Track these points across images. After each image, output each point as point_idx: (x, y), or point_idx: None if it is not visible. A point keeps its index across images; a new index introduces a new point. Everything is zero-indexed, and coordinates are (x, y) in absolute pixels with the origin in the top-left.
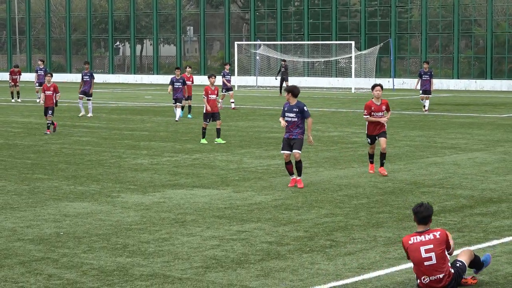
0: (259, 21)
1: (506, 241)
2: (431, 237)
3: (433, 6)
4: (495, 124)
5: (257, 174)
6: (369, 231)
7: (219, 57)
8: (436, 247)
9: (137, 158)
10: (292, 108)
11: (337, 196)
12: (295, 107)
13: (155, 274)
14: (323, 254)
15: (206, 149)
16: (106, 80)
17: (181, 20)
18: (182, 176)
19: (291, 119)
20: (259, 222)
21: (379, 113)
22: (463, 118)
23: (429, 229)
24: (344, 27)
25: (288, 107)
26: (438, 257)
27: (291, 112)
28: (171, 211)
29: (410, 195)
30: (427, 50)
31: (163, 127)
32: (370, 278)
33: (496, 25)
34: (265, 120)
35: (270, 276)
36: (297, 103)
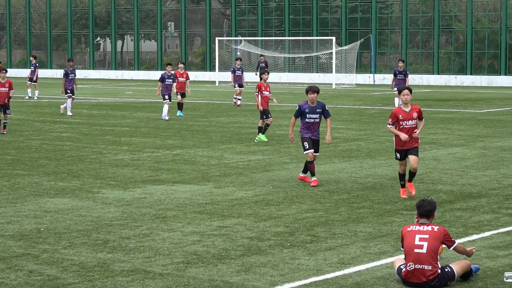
0: (240, 17)
1: (485, 236)
2: (429, 229)
3: (414, 2)
4: (474, 120)
5: (238, 170)
6: (349, 226)
7: (200, 52)
8: (431, 239)
9: (117, 153)
10: (315, 109)
11: (318, 192)
12: (318, 108)
13: (136, 269)
14: (303, 249)
15: (187, 144)
16: (87, 76)
17: (162, 15)
18: (163, 172)
19: (314, 120)
20: (240, 217)
21: (409, 122)
22: (443, 113)
23: (431, 223)
24: (325, 23)
25: (310, 108)
26: (429, 249)
27: (314, 113)
28: (152, 207)
29: (391, 190)
30: (408, 46)
31: (144, 123)
32: (350, 273)
33: (476, 20)
34: (246, 115)
35: (251, 271)
36: (318, 104)
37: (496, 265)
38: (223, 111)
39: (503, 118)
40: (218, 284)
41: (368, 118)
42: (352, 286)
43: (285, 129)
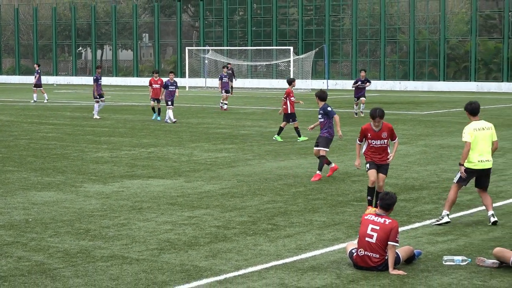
0: (208, 29)
1: (426, 224)
2: (382, 221)
3: (362, 16)
4: (416, 121)
5: (206, 166)
6: (306, 216)
7: (171, 61)
8: (380, 231)
9: (98, 151)
10: (319, 111)
11: (278, 185)
12: (321, 110)
13: (114, 255)
14: (265, 236)
15: (161, 143)
16: (69, 82)
17: (137, 27)
18: (139, 168)
19: (319, 120)
20: (208, 208)
21: (378, 142)
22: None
23: (387, 216)
24: (284, 34)
25: (318, 110)
26: (378, 239)
27: (319, 114)
28: (129, 199)
29: (342, 184)
30: (357, 55)
31: (122, 124)
32: (307, 258)
33: (417, 32)
34: (213, 117)
35: (218, 256)
36: (323, 106)
37: (436, 250)
38: (193, 113)
39: (442, 119)
40: (189, 268)
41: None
42: (308, 269)
43: (248, 129)
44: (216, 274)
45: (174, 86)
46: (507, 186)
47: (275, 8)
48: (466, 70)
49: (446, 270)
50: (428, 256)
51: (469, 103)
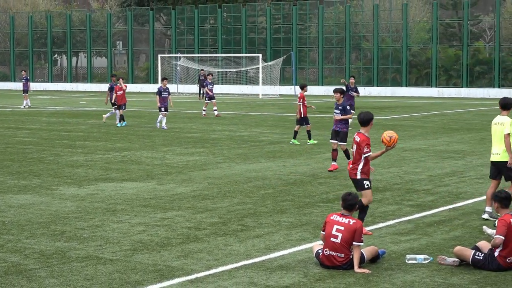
0: (179, 37)
1: (390, 224)
2: (346, 222)
3: (328, 24)
4: (380, 125)
5: (178, 169)
6: (274, 217)
7: (144, 67)
8: (345, 231)
9: (73, 155)
10: (338, 106)
11: (247, 187)
12: (340, 106)
13: (89, 256)
14: (235, 237)
15: (134, 147)
16: (45, 88)
17: (111, 35)
18: (113, 171)
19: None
20: (180, 210)
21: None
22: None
23: (351, 216)
24: (253, 42)
25: (336, 105)
26: (343, 240)
27: (337, 109)
28: (103, 202)
29: (309, 186)
30: (324, 62)
31: (96, 129)
32: (275, 257)
33: (381, 40)
34: (185, 122)
35: (189, 256)
36: (342, 103)
37: (399, 249)
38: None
39: (404, 123)
40: (161, 268)
41: (290, 123)
42: (277, 268)
43: (219, 133)
44: (188, 274)
45: (167, 92)
46: (467, 187)
47: (244, 17)
48: (428, 76)
49: (409, 269)
50: (391, 255)
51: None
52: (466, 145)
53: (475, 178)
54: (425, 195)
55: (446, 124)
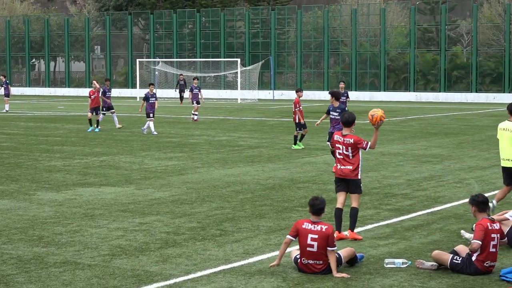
0: (158, 41)
1: (368, 228)
2: (319, 229)
3: (307, 29)
4: (358, 129)
5: (156, 174)
6: (253, 222)
7: (123, 72)
8: (320, 239)
9: (51, 160)
10: (336, 108)
11: (226, 192)
12: (338, 108)
13: (67, 261)
14: (213, 242)
15: (112, 152)
16: (23, 93)
17: (89, 40)
18: (91, 176)
19: (335, 117)
20: (158, 215)
21: None
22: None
23: (320, 221)
24: (231, 46)
25: (333, 108)
26: (319, 247)
27: (335, 112)
28: (81, 207)
29: (288, 190)
30: (302, 66)
31: (74, 133)
32: (254, 262)
33: (359, 45)
34: (163, 126)
35: (168, 261)
36: (340, 105)
37: (377, 253)
38: (144, 123)
39: (383, 127)
40: (140, 273)
41: (268, 128)
42: (256, 273)
43: (197, 138)
44: (166, 279)
45: (154, 98)
46: (444, 192)
47: (223, 21)
48: (406, 80)
49: (387, 273)
50: (370, 259)
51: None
52: (444, 150)
53: (453, 183)
54: (403, 199)
55: (424, 128)
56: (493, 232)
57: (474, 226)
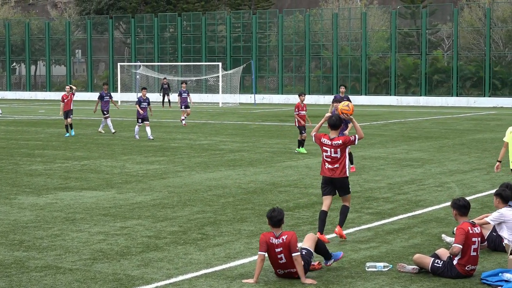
0: (139, 45)
1: (350, 232)
2: (281, 241)
3: (288, 33)
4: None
5: (137, 178)
6: (234, 225)
7: (104, 76)
8: (285, 250)
9: (32, 164)
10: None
11: (207, 196)
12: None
13: (48, 266)
14: (195, 245)
15: (93, 156)
16: (4, 97)
17: (70, 44)
18: (72, 180)
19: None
20: (140, 219)
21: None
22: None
23: (282, 232)
24: (213, 50)
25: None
26: (287, 257)
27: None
28: (62, 211)
29: (270, 194)
30: (283, 70)
31: (55, 138)
32: (235, 266)
33: (340, 49)
34: (145, 130)
35: (149, 265)
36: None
37: (359, 257)
38: (125, 127)
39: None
40: (121, 277)
41: (250, 132)
42: (237, 277)
43: (179, 142)
44: (148, 283)
45: (146, 102)
46: (425, 195)
47: (204, 25)
48: (387, 84)
49: (369, 276)
50: (351, 263)
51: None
52: (425, 153)
53: (433, 186)
54: (384, 203)
55: (405, 132)
56: (474, 236)
57: (455, 229)
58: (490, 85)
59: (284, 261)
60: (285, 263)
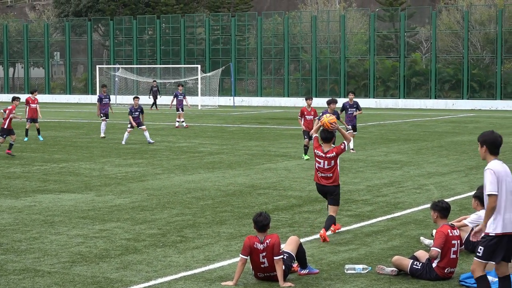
0: (118, 47)
1: (329, 234)
2: (265, 246)
3: (267, 35)
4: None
5: (116, 180)
6: (214, 228)
7: (82, 78)
8: (269, 254)
9: (10, 167)
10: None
11: (186, 198)
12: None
13: (27, 268)
14: (174, 248)
15: (72, 158)
16: None
17: (49, 46)
18: (51, 183)
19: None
20: (119, 221)
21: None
22: (292, 130)
23: (266, 236)
24: (192, 53)
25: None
26: (270, 261)
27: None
28: (41, 213)
29: (249, 196)
30: (262, 73)
31: (33, 140)
32: (215, 268)
33: (319, 51)
34: (123, 133)
35: (128, 268)
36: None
37: (338, 259)
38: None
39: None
40: (100, 280)
41: (229, 134)
42: (217, 279)
43: (158, 144)
44: (127, 285)
45: (138, 111)
46: (404, 197)
47: (183, 27)
48: (366, 87)
49: (348, 278)
50: (330, 265)
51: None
52: (404, 156)
53: (412, 188)
54: (363, 205)
55: (384, 134)
56: (453, 239)
57: (433, 231)
58: (468, 88)
59: (266, 265)
60: (266, 267)
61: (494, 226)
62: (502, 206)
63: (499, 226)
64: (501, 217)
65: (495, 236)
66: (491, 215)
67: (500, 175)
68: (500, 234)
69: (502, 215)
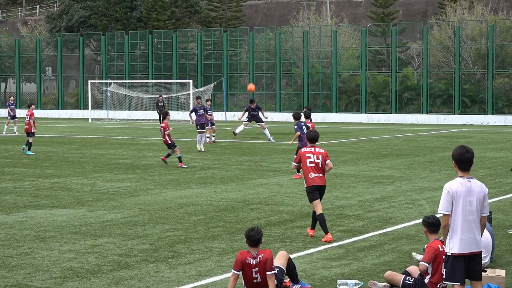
0: (110, 63)
1: (321, 249)
2: (258, 261)
3: (259, 50)
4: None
5: (108, 195)
6: (206, 243)
7: (74, 93)
8: (261, 269)
9: (1, 182)
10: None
11: (178, 213)
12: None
13: (18, 284)
14: (166, 263)
15: (64, 174)
16: None
17: (41, 61)
18: (42, 198)
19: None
20: (111, 237)
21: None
22: (284, 145)
23: (259, 251)
24: (183, 68)
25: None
26: (263, 276)
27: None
28: (32, 229)
29: (241, 212)
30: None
31: (25, 155)
32: (207, 284)
33: (311, 66)
34: (115, 148)
35: (120, 283)
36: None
37: (330, 274)
38: (95, 144)
39: (335, 149)
40: None
41: (221, 149)
42: None
43: (150, 159)
44: None
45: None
46: (396, 212)
47: (175, 43)
48: (357, 102)
49: None
50: (322, 280)
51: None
52: (396, 171)
53: (404, 203)
54: (355, 220)
55: (376, 149)
56: (444, 254)
57: (425, 247)
58: (460, 103)
59: (259, 280)
60: (259, 283)
61: (450, 246)
62: (458, 227)
63: (455, 246)
64: (457, 237)
65: (452, 256)
66: (445, 234)
67: (457, 194)
68: (456, 254)
69: (458, 235)
